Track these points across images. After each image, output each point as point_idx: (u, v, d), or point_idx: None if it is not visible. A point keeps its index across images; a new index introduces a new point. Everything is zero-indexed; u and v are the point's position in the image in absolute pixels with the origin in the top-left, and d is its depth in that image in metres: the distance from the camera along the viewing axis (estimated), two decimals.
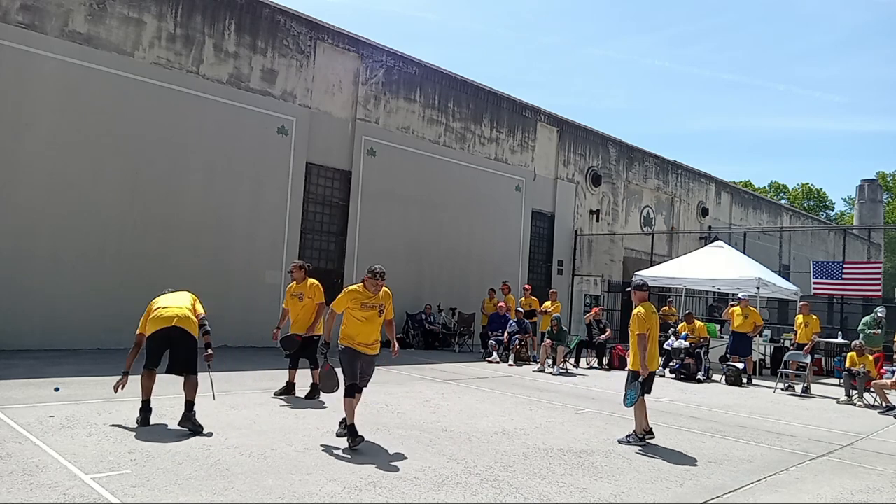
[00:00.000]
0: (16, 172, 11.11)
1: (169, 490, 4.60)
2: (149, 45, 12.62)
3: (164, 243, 12.63)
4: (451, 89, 18.31)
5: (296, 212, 14.75)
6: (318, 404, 8.03)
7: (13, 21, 11.08)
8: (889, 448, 7.82)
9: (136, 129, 12.35)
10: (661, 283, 17.93)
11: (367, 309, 6.25)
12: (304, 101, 14.98)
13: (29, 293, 11.09)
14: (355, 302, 6.23)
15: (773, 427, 8.69)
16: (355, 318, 6.23)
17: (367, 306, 6.25)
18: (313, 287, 8.39)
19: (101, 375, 9.01)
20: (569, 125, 22.21)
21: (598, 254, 23.11)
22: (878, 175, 58.85)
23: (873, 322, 13.15)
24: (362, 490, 4.89)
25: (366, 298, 6.26)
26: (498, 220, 19.44)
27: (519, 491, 5.13)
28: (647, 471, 5.97)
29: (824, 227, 40.28)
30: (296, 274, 8.54)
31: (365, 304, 6.24)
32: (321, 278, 8.76)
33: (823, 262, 18.40)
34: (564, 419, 8.26)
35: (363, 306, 6.24)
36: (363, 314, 6.24)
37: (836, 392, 12.28)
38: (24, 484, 4.51)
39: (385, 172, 16.48)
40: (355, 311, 6.23)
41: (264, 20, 14.32)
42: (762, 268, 16.57)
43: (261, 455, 5.61)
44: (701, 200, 28.38)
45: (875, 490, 5.89)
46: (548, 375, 12.84)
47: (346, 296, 6.30)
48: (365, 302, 6.25)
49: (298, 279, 8.48)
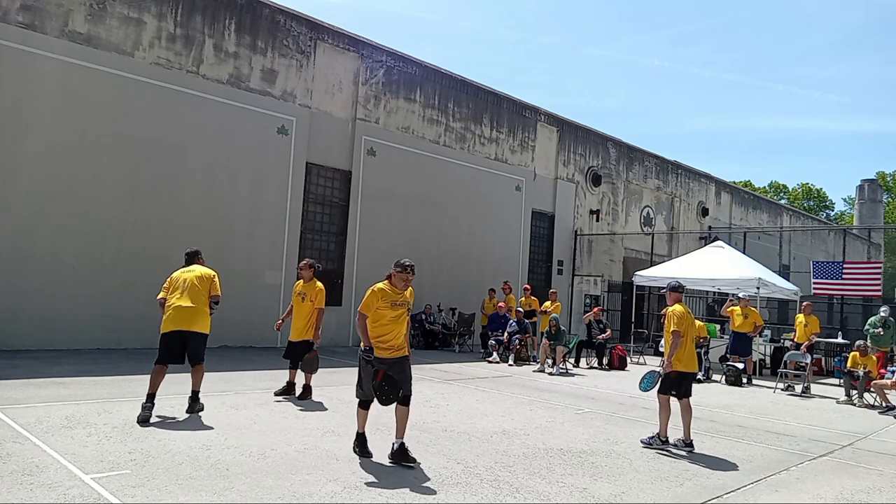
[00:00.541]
0: (16, 172, 11.11)
1: (169, 490, 4.61)
2: (149, 45, 12.62)
3: (164, 243, 12.62)
4: (451, 89, 18.32)
5: (296, 212, 14.75)
6: (319, 405, 8.04)
7: (13, 21, 11.07)
8: (889, 448, 7.82)
9: (136, 129, 12.35)
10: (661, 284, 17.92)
11: (397, 307, 5.78)
12: (304, 101, 14.98)
13: (29, 293, 11.09)
14: (385, 301, 5.74)
15: (773, 427, 8.69)
16: (384, 318, 5.75)
17: (396, 304, 5.79)
18: (318, 291, 8.36)
19: (101, 375, 9.03)
20: (569, 125, 22.21)
21: (598, 254, 23.11)
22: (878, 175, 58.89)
23: (879, 322, 13.12)
24: (362, 490, 4.89)
25: (395, 296, 5.80)
26: (498, 220, 19.44)
27: (519, 491, 5.13)
28: (647, 471, 5.97)
29: (824, 227, 40.27)
30: (304, 272, 8.50)
31: (395, 303, 5.78)
32: (321, 278, 8.76)
33: (823, 262, 18.40)
34: (564, 419, 8.26)
35: (393, 304, 5.77)
36: (393, 313, 5.76)
37: (836, 392, 12.29)
38: (24, 484, 4.51)
39: (385, 172, 16.48)
40: (385, 311, 5.74)
41: (264, 20, 14.32)
42: (762, 268, 16.58)
43: (261, 455, 5.61)
44: (701, 200, 28.38)
45: (875, 490, 5.89)
46: (547, 375, 12.85)
47: (373, 296, 5.77)
48: (395, 300, 5.78)
49: (306, 278, 8.46)
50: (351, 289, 15.65)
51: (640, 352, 17.36)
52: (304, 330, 8.33)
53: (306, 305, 8.33)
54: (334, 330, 14.93)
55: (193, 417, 6.84)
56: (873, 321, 13.29)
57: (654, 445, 6.87)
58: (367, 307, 5.76)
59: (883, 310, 13.31)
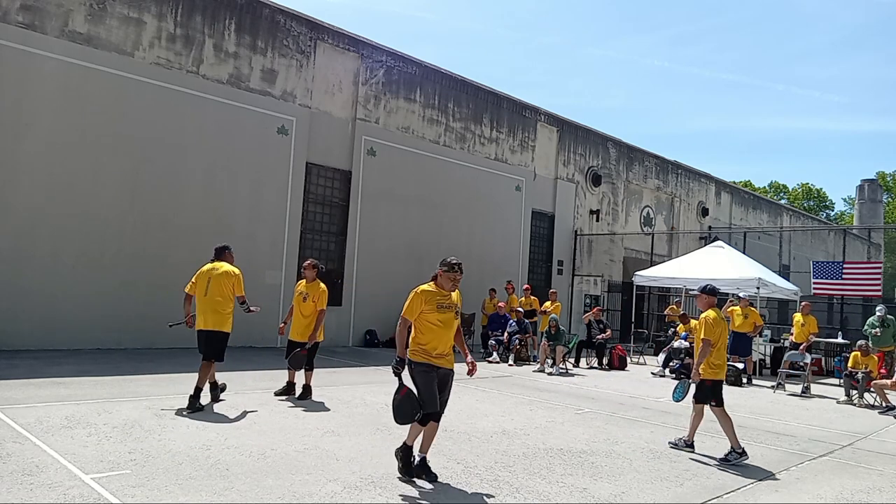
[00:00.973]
0: (16, 172, 11.11)
1: (169, 490, 4.61)
2: (149, 45, 12.62)
3: (164, 243, 12.63)
4: (451, 89, 18.32)
5: (296, 212, 14.75)
6: (319, 405, 8.04)
7: (13, 21, 11.07)
8: (889, 448, 7.82)
9: (136, 129, 12.35)
10: (661, 284, 17.95)
11: (444, 310, 5.24)
12: (304, 101, 14.98)
13: (29, 293, 11.09)
14: (430, 303, 5.21)
15: (773, 427, 8.69)
16: (431, 323, 5.20)
17: (444, 307, 5.25)
18: (321, 292, 8.36)
19: (101, 375, 9.03)
20: (569, 125, 22.21)
21: (598, 254, 23.11)
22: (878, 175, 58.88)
23: (876, 321, 13.12)
24: (362, 490, 4.89)
25: (442, 298, 5.27)
26: (498, 220, 19.44)
27: (519, 491, 5.13)
28: (647, 471, 5.97)
29: (824, 227, 40.28)
30: (307, 272, 8.51)
31: (442, 305, 5.24)
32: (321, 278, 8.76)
33: (823, 262, 18.40)
34: (564, 419, 8.26)
35: (439, 307, 5.23)
36: (440, 317, 5.22)
37: (836, 392, 12.29)
38: (24, 484, 4.51)
39: (385, 172, 16.48)
40: (431, 315, 5.20)
41: (264, 20, 14.32)
42: (762, 268, 16.58)
43: (261, 455, 5.61)
44: (701, 200, 28.38)
45: (875, 490, 5.89)
46: (547, 375, 12.85)
47: (417, 298, 5.24)
48: (441, 302, 5.25)
49: (309, 278, 8.47)
50: (351, 289, 15.65)
51: (640, 352, 17.36)
52: (306, 329, 8.33)
53: (308, 305, 8.32)
54: (334, 330, 14.93)
55: (193, 417, 6.83)
56: (871, 321, 13.30)
57: (679, 446, 6.86)
58: (411, 311, 5.23)
59: (879, 309, 13.31)
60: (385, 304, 16.11)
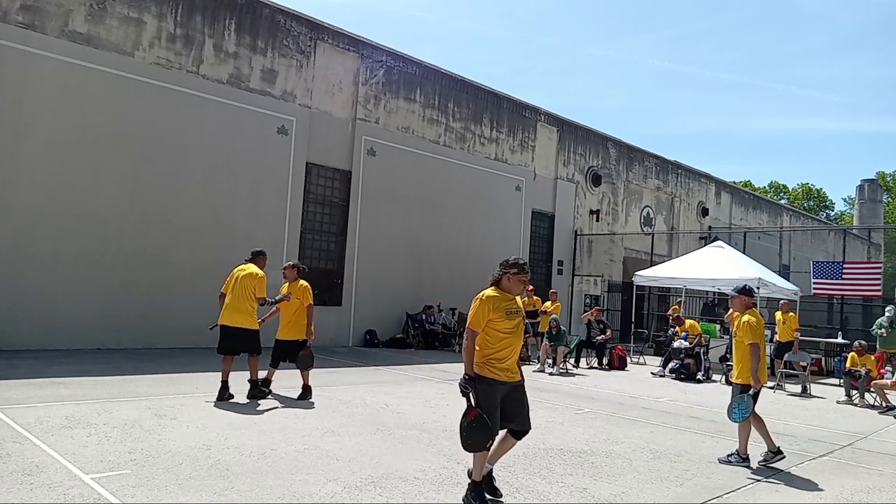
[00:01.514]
0: (16, 172, 11.11)
1: (169, 490, 4.61)
2: (149, 45, 12.63)
3: (164, 243, 12.63)
4: (451, 89, 18.32)
5: (296, 212, 14.75)
6: (319, 405, 8.03)
7: (13, 21, 11.08)
8: (889, 448, 7.82)
9: (136, 129, 12.35)
10: (661, 284, 17.96)
11: (513, 316, 4.70)
12: (304, 101, 14.99)
13: (29, 293, 11.09)
14: (499, 311, 4.64)
15: (772, 427, 8.64)
16: (499, 332, 4.64)
17: (513, 313, 4.71)
18: (302, 289, 8.44)
19: (101, 375, 9.03)
20: (569, 125, 22.21)
21: (598, 254, 23.11)
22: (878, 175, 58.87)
23: (885, 322, 13.00)
24: (362, 490, 4.89)
25: (509, 303, 4.72)
26: (498, 220, 19.45)
27: (519, 491, 5.13)
28: (647, 471, 5.97)
29: (824, 227, 40.29)
30: (287, 272, 8.63)
31: (510, 311, 4.70)
32: (321, 278, 8.80)
33: (823, 262, 18.39)
34: (564, 419, 8.26)
35: (508, 313, 4.68)
36: (509, 325, 4.67)
37: (836, 392, 12.29)
38: (24, 484, 4.51)
39: (385, 172, 16.49)
40: (500, 324, 4.63)
41: (264, 20, 14.32)
42: (762, 268, 16.58)
43: (261, 455, 5.61)
44: (701, 200, 28.39)
45: (875, 490, 5.89)
46: (548, 375, 12.85)
47: (483, 305, 4.64)
48: (509, 308, 4.70)
49: (290, 278, 8.56)
50: (351, 289, 15.64)
51: (640, 352, 17.36)
52: (293, 328, 8.43)
53: (293, 304, 8.42)
54: (334, 330, 14.94)
55: (193, 417, 6.84)
56: (880, 322, 13.15)
57: (733, 462, 6.40)
58: (477, 322, 4.62)
59: (889, 309, 13.17)
60: (385, 304, 16.13)
